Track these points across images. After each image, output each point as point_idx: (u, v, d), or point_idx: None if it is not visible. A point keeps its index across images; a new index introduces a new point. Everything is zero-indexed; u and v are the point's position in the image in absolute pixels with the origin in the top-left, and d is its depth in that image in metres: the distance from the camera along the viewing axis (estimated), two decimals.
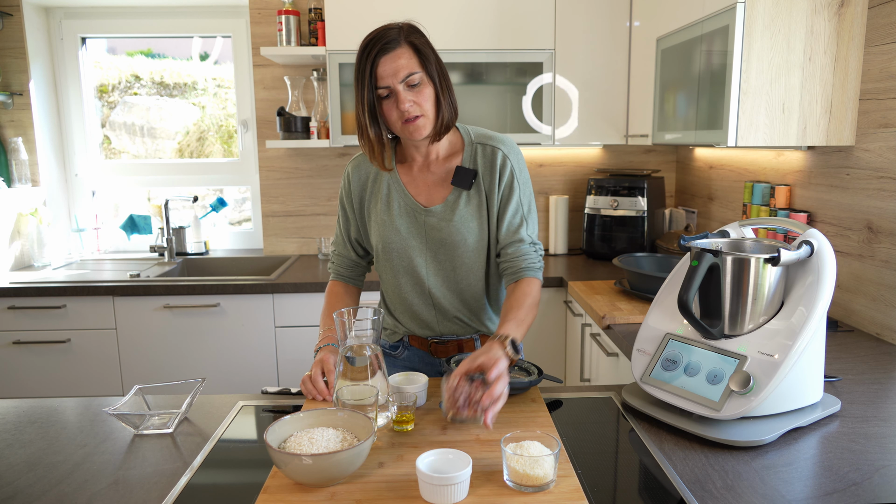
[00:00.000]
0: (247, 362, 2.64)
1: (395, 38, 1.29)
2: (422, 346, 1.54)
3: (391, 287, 1.52)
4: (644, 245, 2.88)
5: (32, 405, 1.33)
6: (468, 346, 1.53)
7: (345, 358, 1.18)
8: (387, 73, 1.28)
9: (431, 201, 1.44)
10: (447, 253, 1.44)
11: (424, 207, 1.43)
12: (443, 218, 1.42)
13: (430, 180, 1.44)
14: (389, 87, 1.29)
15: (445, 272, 1.46)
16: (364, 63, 1.29)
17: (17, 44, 2.93)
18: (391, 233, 1.44)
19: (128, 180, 3.31)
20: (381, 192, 1.46)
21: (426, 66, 1.31)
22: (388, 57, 1.27)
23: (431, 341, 1.53)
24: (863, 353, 1.60)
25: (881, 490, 0.96)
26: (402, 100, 1.29)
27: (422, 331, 1.52)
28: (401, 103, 1.29)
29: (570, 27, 2.74)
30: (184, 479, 1.02)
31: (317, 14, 2.90)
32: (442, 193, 1.43)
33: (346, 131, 2.76)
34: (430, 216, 1.43)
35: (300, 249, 3.25)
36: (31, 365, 2.61)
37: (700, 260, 1.15)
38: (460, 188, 1.41)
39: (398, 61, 1.28)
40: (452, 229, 1.41)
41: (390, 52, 1.28)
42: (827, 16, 1.75)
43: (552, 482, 0.95)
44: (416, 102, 1.30)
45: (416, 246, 1.44)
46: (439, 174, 1.44)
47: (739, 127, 1.80)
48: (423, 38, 1.33)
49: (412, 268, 1.46)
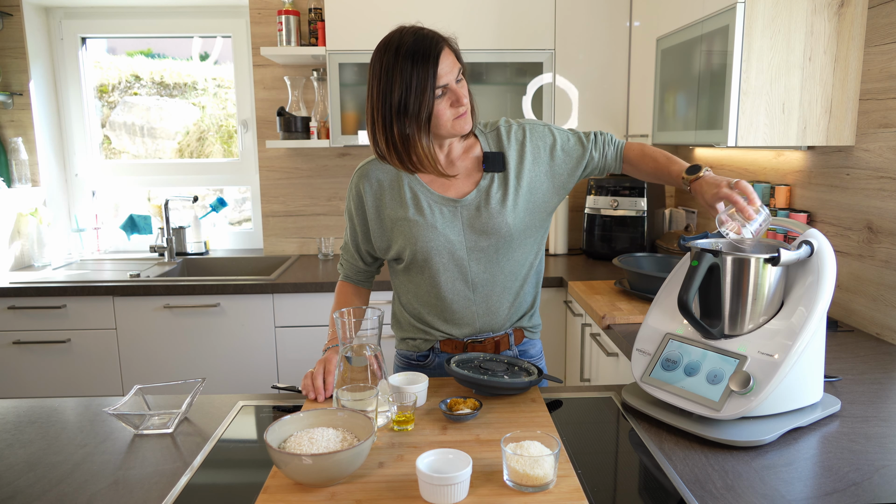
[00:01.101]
0: (247, 362, 2.65)
1: (437, 38, 1.29)
2: (456, 349, 1.49)
3: (426, 290, 1.46)
4: (644, 245, 2.88)
5: (32, 405, 1.33)
6: (504, 342, 1.50)
7: (345, 358, 1.18)
8: (444, 72, 1.27)
9: (461, 193, 1.43)
10: (489, 239, 1.42)
11: (457, 199, 1.41)
12: (479, 206, 1.41)
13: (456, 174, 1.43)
14: (447, 85, 1.28)
15: (489, 259, 1.43)
16: (422, 67, 1.25)
17: (17, 44, 2.93)
18: (428, 232, 1.40)
19: (128, 180, 3.31)
20: (403, 196, 1.42)
21: (462, 61, 1.33)
22: (443, 56, 1.27)
23: (468, 342, 1.48)
24: (863, 353, 1.60)
25: (881, 490, 0.96)
26: (461, 94, 1.29)
27: (459, 330, 1.48)
28: (461, 98, 1.29)
29: (570, 27, 2.74)
30: (184, 479, 1.02)
31: (317, 14, 2.90)
32: (470, 184, 1.43)
33: (346, 131, 2.76)
34: (464, 207, 1.41)
35: (300, 249, 3.25)
36: (31, 365, 2.61)
37: (700, 260, 1.15)
38: (494, 171, 1.42)
39: (449, 59, 1.28)
40: (491, 215, 1.40)
41: (443, 52, 1.28)
42: (827, 16, 1.75)
43: (552, 482, 0.95)
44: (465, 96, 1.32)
45: (457, 240, 1.42)
46: (463, 168, 1.43)
47: (739, 127, 1.80)
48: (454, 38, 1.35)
49: (454, 263, 1.43)
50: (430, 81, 1.25)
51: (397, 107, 1.26)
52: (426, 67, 1.25)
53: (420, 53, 1.25)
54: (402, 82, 1.25)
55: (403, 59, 1.25)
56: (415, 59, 1.25)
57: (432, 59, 1.25)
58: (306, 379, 1.31)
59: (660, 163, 1.44)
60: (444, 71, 1.26)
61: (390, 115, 1.28)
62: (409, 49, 1.25)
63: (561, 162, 1.46)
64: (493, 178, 1.42)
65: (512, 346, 1.52)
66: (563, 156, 1.46)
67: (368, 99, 1.32)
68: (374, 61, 1.30)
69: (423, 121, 1.28)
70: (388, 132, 1.29)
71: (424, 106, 1.26)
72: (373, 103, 1.30)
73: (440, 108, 1.29)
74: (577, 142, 1.47)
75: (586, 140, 1.48)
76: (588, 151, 1.47)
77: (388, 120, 1.28)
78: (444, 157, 1.42)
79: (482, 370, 1.31)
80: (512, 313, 1.50)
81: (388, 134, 1.29)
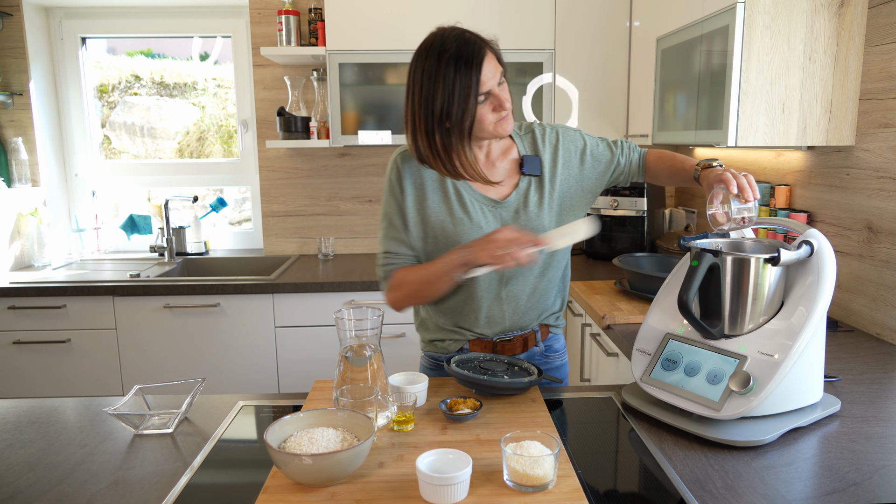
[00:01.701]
0: (247, 362, 2.65)
1: (479, 43, 1.27)
2: (485, 348, 1.48)
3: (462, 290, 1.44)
4: (644, 245, 2.88)
5: (32, 405, 1.33)
6: (531, 339, 1.51)
7: (345, 358, 1.18)
8: (487, 78, 1.26)
9: (501, 195, 1.43)
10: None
11: (499, 201, 1.41)
12: (518, 209, 1.41)
13: (496, 176, 1.43)
14: (489, 90, 1.27)
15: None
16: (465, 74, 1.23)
17: (17, 44, 2.93)
18: (473, 232, 1.38)
19: (128, 180, 3.31)
20: (447, 191, 1.40)
21: (503, 63, 1.32)
22: (485, 62, 1.25)
23: (497, 341, 1.48)
24: (863, 353, 1.60)
25: (881, 490, 0.96)
26: (504, 99, 1.29)
27: (490, 329, 1.47)
28: (504, 102, 1.29)
29: (570, 27, 2.74)
30: (184, 479, 1.02)
31: (317, 14, 2.90)
32: (508, 186, 1.43)
33: (346, 131, 2.76)
34: (504, 209, 1.41)
35: (300, 249, 3.25)
36: (31, 365, 2.61)
37: (700, 260, 1.15)
38: (532, 175, 1.42)
39: (492, 63, 1.27)
40: (529, 217, 1.41)
41: (486, 57, 1.26)
42: (827, 16, 1.75)
43: (552, 482, 0.95)
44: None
45: None
46: (502, 169, 1.43)
47: (739, 127, 1.80)
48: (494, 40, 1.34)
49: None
50: (473, 89, 1.24)
51: (439, 113, 1.25)
52: (469, 74, 1.23)
53: (463, 59, 1.23)
54: (445, 89, 1.24)
55: (446, 65, 1.23)
56: (458, 66, 1.23)
57: (475, 65, 1.23)
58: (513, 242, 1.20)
59: (676, 161, 1.45)
60: (486, 77, 1.25)
61: (432, 122, 1.26)
62: (451, 55, 1.24)
63: (590, 167, 1.47)
64: (530, 180, 1.43)
65: (539, 343, 1.53)
66: (593, 161, 1.47)
67: (408, 102, 1.30)
68: (416, 65, 1.28)
69: (465, 129, 1.27)
70: (430, 139, 1.28)
71: (468, 114, 1.25)
72: (414, 108, 1.28)
73: (482, 113, 1.28)
74: (605, 147, 1.49)
75: (614, 146, 1.50)
76: (616, 157, 1.49)
77: (430, 126, 1.27)
78: (484, 157, 1.42)
79: (482, 370, 1.31)
80: (542, 312, 1.51)
81: (430, 140, 1.29)
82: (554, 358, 1.56)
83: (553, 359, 1.56)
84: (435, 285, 1.33)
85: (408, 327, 2.65)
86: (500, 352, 1.49)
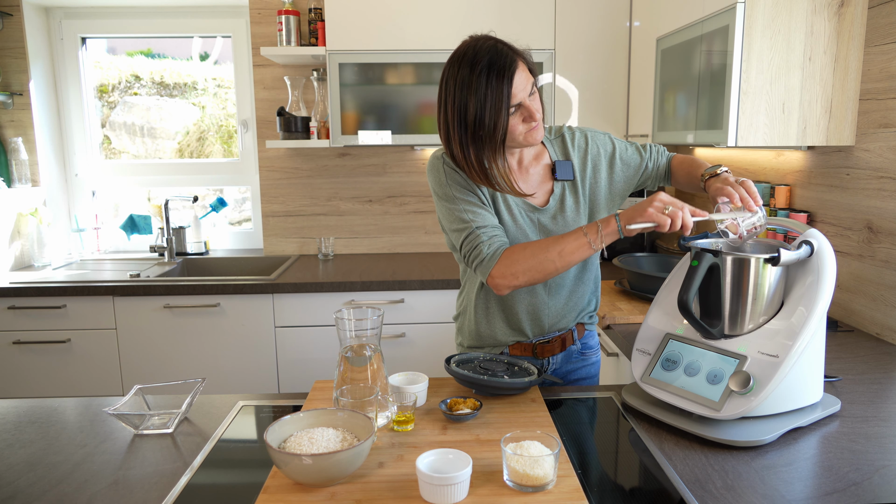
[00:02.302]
0: (247, 362, 2.64)
1: (511, 55, 1.26)
2: (524, 351, 1.49)
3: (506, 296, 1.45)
4: (644, 245, 2.88)
5: (32, 405, 1.33)
6: (569, 338, 1.52)
7: (345, 358, 1.18)
8: (518, 90, 1.26)
9: (540, 202, 1.44)
10: None
11: (538, 207, 1.42)
12: (555, 215, 1.43)
13: (532, 182, 1.43)
14: (521, 102, 1.27)
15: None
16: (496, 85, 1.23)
17: (17, 44, 2.93)
18: (517, 234, 1.40)
19: (128, 180, 3.31)
20: (494, 194, 1.40)
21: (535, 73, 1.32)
22: (517, 74, 1.25)
23: (537, 343, 1.49)
24: (863, 353, 1.60)
25: (881, 490, 0.96)
26: (535, 109, 1.28)
27: (532, 330, 1.48)
28: (535, 112, 1.28)
29: (570, 27, 2.74)
30: (184, 479, 1.02)
31: (317, 14, 2.90)
32: (545, 191, 1.44)
33: (346, 131, 2.76)
34: (542, 215, 1.42)
35: (300, 249, 3.25)
36: (31, 365, 2.61)
37: (700, 260, 1.15)
38: (565, 180, 1.43)
39: (523, 74, 1.27)
40: (567, 222, 1.42)
41: (517, 69, 1.26)
42: (827, 16, 1.75)
43: (552, 482, 0.95)
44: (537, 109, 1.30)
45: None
46: (536, 175, 1.44)
47: (739, 127, 1.80)
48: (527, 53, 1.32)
49: None
50: (504, 101, 1.24)
51: (472, 123, 1.26)
52: (500, 87, 1.24)
53: (495, 71, 1.23)
54: (477, 100, 1.24)
55: (478, 76, 1.24)
56: (489, 78, 1.23)
57: (507, 78, 1.24)
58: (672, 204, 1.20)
59: (691, 167, 1.46)
60: (518, 89, 1.25)
61: (465, 131, 1.27)
62: (483, 66, 1.24)
63: (619, 171, 1.48)
64: (564, 185, 1.44)
65: (576, 341, 1.54)
66: (622, 165, 1.48)
67: (441, 110, 1.30)
68: (448, 74, 1.29)
69: (497, 140, 1.27)
70: (464, 148, 1.29)
71: (500, 125, 1.25)
72: (447, 117, 1.29)
73: (513, 124, 1.29)
74: (634, 151, 1.50)
75: (643, 150, 1.51)
76: (645, 161, 1.50)
77: (463, 136, 1.28)
78: (517, 165, 1.43)
79: (482, 370, 1.31)
80: (579, 312, 1.53)
81: (464, 150, 1.29)
82: (590, 354, 1.59)
83: (589, 355, 1.59)
84: (574, 255, 1.28)
85: (408, 327, 2.65)
86: (539, 354, 1.50)
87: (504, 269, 1.30)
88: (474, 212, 1.35)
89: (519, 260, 1.29)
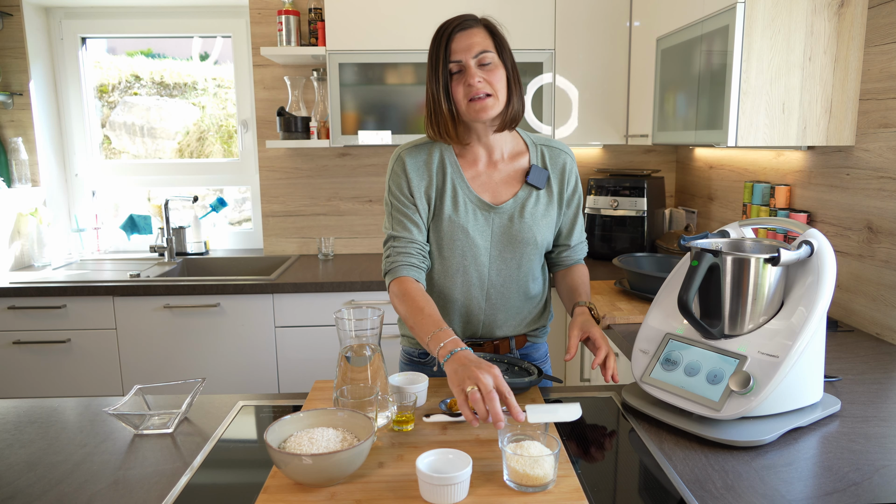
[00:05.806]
0: (247, 362, 2.65)
1: (472, 19, 1.35)
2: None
3: (439, 287, 1.46)
4: (644, 245, 2.88)
5: (32, 405, 1.33)
6: (504, 346, 1.50)
7: (345, 358, 1.18)
8: (460, 48, 1.31)
9: (498, 199, 1.42)
10: (514, 251, 1.43)
11: (493, 205, 1.41)
12: (512, 216, 1.42)
13: (497, 178, 1.43)
14: (461, 61, 1.31)
15: (510, 270, 1.44)
16: (440, 39, 1.33)
17: (17, 44, 2.93)
18: (457, 231, 1.40)
19: (128, 180, 3.31)
20: (447, 189, 1.40)
21: (500, 50, 1.35)
22: (464, 34, 1.32)
23: (467, 342, 1.48)
24: (863, 353, 1.60)
25: (881, 490, 0.96)
26: (471, 73, 1.31)
27: (463, 331, 1.48)
28: (470, 77, 1.31)
29: (570, 27, 2.74)
30: (184, 479, 1.02)
31: (317, 14, 2.90)
32: (509, 192, 1.43)
33: (346, 131, 2.76)
34: (498, 214, 1.41)
35: (300, 249, 3.25)
36: (31, 365, 2.61)
37: (700, 260, 1.15)
38: (535, 187, 1.43)
39: (473, 38, 1.32)
40: (524, 227, 1.42)
41: (466, 30, 1.32)
42: (827, 16, 1.75)
43: (552, 482, 0.95)
44: (486, 80, 1.32)
45: (482, 245, 1.42)
46: (506, 172, 1.43)
47: (739, 127, 1.80)
48: (499, 28, 1.38)
49: (474, 267, 1.42)
50: (441, 55, 1.32)
51: (429, 74, 1.35)
52: (440, 41, 1.33)
53: (441, 28, 1.34)
54: (431, 53, 1.35)
55: (436, 32, 1.35)
56: (437, 33, 1.35)
57: (447, 34, 1.32)
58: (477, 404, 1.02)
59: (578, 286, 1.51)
60: (459, 48, 1.32)
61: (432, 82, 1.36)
62: (440, 26, 1.35)
63: (566, 208, 1.50)
64: (531, 191, 1.43)
65: (513, 350, 1.52)
66: (567, 208, 1.50)
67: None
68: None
69: (440, 90, 1.33)
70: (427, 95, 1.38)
71: (440, 77, 1.33)
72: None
73: (453, 86, 1.33)
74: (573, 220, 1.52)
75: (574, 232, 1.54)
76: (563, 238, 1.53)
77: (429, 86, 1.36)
78: (488, 157, 1.44)
79: None
80: (517, 325, 1.51)
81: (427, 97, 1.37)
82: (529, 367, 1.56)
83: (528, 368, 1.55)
84: (418, 335, 1.26)
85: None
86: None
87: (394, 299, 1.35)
88: (399, 220, 1.41)
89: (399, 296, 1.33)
